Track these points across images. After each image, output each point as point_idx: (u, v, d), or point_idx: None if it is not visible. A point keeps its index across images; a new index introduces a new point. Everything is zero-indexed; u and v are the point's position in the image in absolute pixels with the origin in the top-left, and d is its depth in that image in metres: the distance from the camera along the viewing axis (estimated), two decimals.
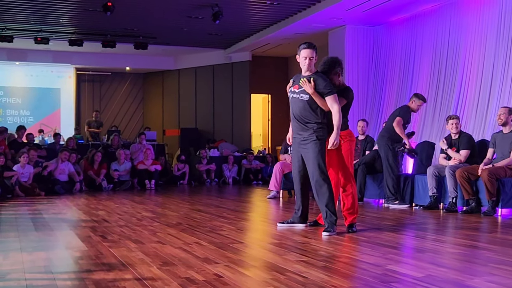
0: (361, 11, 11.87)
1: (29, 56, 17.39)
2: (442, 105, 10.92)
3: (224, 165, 14.65)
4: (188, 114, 18.84)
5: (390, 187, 8.46)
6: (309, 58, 5.76)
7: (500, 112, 7.77)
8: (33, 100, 18.40)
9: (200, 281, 3.60)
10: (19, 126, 13.23)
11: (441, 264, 4.12)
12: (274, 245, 5.03)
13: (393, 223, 6.57)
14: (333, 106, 5.64)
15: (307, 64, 5.77)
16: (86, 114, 18.97)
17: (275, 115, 18.10)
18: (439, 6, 11.31)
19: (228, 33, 15.19)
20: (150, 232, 5.80)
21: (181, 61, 18.89)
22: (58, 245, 5.21)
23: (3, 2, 12.08)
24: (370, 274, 3.81)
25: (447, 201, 7.93)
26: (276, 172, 10.22)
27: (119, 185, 12.56)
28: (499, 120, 7.71)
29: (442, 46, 11.17)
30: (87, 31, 14.91)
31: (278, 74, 17.73)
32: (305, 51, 5.78)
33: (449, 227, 6.63)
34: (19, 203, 9.47)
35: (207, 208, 8.35)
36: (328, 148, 5.70)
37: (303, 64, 5.81)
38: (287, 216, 6.91)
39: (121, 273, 3.87)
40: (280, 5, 12.27)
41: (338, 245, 5.04)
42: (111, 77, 19.88)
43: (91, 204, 9.04)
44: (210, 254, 4.52)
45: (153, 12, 12.98)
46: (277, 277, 3.71)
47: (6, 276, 3.85)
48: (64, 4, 12.29)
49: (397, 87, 12.41)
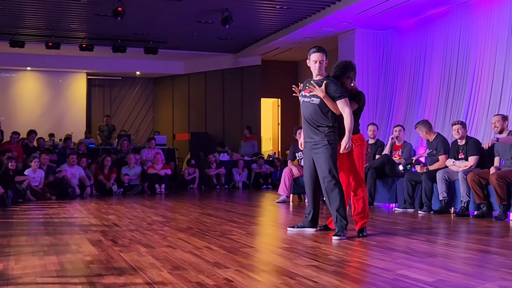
0: (370, 15, 11.86)
1: (40, 61, 17.48)
2: (453, 110, 10.87)
3: (234, 169, 14.65)
4: (198, 119, 18.87)
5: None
6: (319, 62, 5.76)
7: (494, 120, 7.78)
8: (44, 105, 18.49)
9: (211, 286, 3.61)
10: (29, 130, 13.30)
11: (452, 269, 4.10)
12: (284, 249, 5.02)
13: (403, 228, 6.55)
14: (344, 110, 5.63)
15: (318, 68, 5.77)
16: (97, 119, 19.06)
17: (285, 120, 18.09)
18: (449, 10, 11.28)
19: (238, 37, 15.21)
20: (160, 237, 5.81)
21: (191, 65, 18.93)
22: (69, 249, 5.22)
23: (15, 8, 12.17)
24: (381, 279, 3.79)
25: (458, 206, 7.89)
26: (285, 176, 10.21)
27: (129, 189, 12.60)
28: (495, 129, 7.73)
29: (453, 50, 11.12)
30: (98, 36, 14.98)
31: (288, 79, 17.67)
32: (315, 55, 5.79)
33: (460, 231, 6.59)
34: (31, 207, 9.52)
35: (217, 212, 8.36)
36: (340, 152, 5.69)
37: (313, 68, 5.81)
38: (297, 220, 6.90)
39: (132, 277, 3.88)
40: (290, 10, 12.29)
41: (348, 249, 5.03)
42: (121, 82, 19.96)
43: (102, 209, 9.07)
44: (220, 259, 4.52)
45: (163, 17, 13.03)
46: (287, 282, 3.70)
47: (18, 280, 3.87)
48: (75, 9, 12.36)
49: (407, 91, 12.38)
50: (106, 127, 16.63)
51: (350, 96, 5.78)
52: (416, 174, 8.69)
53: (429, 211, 8.16)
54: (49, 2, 11.74)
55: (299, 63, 17.85)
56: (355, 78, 6.05)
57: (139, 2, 11.75)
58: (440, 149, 8.42)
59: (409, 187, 8.63)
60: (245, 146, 16.11)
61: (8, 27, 13.84)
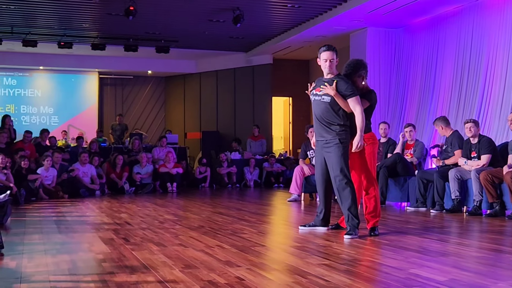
0: (382, 13, 11.81)
1: (52, 61, 17.58)
2: (465, 108, 10.80)
3: (246, 168, 14.66)
4: (209, 117, 18.89)
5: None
6: (329, 60, 5.75)
7: (510, 117, 7.72)
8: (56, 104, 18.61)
9: (222, 284, 3.61)
10: (42, 129, 13.38)
11: (465, 268, 4.08)
12: (295, 248, 5.02)
13: (415, 227, 6.52)
14: (356, 108, 5.62)
15: (328, 66, 5.77)
16: (109, 118, 19.14)
17: (296, 118, 18.08)
18: (461, 8, 11.21)
19: (249, 36, 15.21)
20: (172, 235, 5.82)
21: (203, 64, 18.95)
22: (82, 247, 5.25)
23: (27, 8, 12.24)
24: (393, 278, 3.78)
25: (470, 204, 7.85)
26: (296, 175, 10.20)
27: (141, 188, 12.64)
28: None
29: (465, 48, 11.05)
30: (110, 35, 15.02)
31: (299, 77, 17.68)
32: (325, 53, 5.79)
33: (472, 230, 6.56)
34: (43, 205, 9.58)
35: (228, 211, 8.37)
36: (352, 151, 5.68)
37: (323, 67, 5.81)
38: (308, 219, 6.90)
39: (144, 275, 3.90)
40: (301, 8, 12.26)
41: (360, 248, 5.02)
42: (133, 81, 20.02)
43: (114, 207, 9.11)
44: (232, 257, 4.53)
45: (174, 16, 13.06)
46: (299, 281, 3.70)
47: (31, 278, 3.90)
48: (87, 8, 12.41)
49: (419, 89, 12.32)
50: (119, 126, 16.71)
51: (361, 95, 5.77)
52: (428, 172, 8.65)
53: (441, 210, 8.12)
54: (61, 2, 11.79)
55: (310, 61, 17.82)
56: (367, 76, 6.03)
57: (151, 1, 11.78)
58: (455, 144, 8.38)
59: (421, 186, 8.60)
60: (254, 145, 16.09)
61: (20, 26, 13.92)
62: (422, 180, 8.61)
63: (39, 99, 18.51)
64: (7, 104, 18.11)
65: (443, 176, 8.20)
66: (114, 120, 17.52)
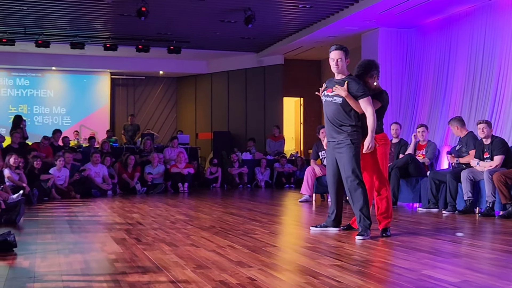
0: (394, 13, 11.77)
1: (65, 61, 17.67)
2: (478, 109, 10.74)
3: (257, 168, 14.66)
4: (220, 118, 18.91)
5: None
6: (337, 60, 5.73)
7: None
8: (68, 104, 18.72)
9: (234, 284, 3.62)
10: (55, 129, 13.45)
11: (478, 270, 4.06)
12: (307, 248, 5.02)
13: (427, 228, 6.50)
14: (367, 109, 5.61)
15: (335, 66, 5.75)
16: (121, 118, 19.22)
17: (308, 119, 18.05)
18: (474, 8, 11.14)
19: (260, 36, 15.21)
20: (183, 235, 5.84)
21: (214, 65, 18.98)
22: (94, 247, 5.28)
23: (40, 9, 12.32)
24: (405, 279, 3.77)
25: (483, 206, 7.81)
26: (307, 175, 10.18)
27: (152, 188, 12.67)
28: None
29: (478, 48, 10.98)
30: (122, 36, 15.09)
31: (310, 77, 17.68)
32: (333, 53, 5.78)
33: (485, 231, 6.53)
34: (56, 205, 9.63)
35: (239, 211, 8.37)
36: (364, 152, 5.67)
37: (332, 66, 5.80)
38: (320, 219, 6.89)
39: (156, 275, 3.91)
40: (313, 8, 12.25)
41: (372, 249, 5.01)
42: (145, 81, 20.09)
43: (126, 207, 9.14)
44: (243, 258, 4.53)
45: (186, 17, 13.09)
46: (311, 281, 3.70)
47: (44, 277, 3.92)
48: (99, 9, 12.47)
49: (431, 90, 12.27)
50: (131, 127, 16.76)
51: (373, 95, 5.75)
52: (441, 173, 8.61)
53: (453, 211, 8.08)
54: (74, 3, 11.85)
55: (322, 61, 17.80)
56: (378, 77, 6.01)
57: (163, 2, 11.81)
58: (471, 144, 8.34)
59: (433, 187, 8.56)
60: (274, 145, 16.09)
61: (33, 27, 14.02)
62: (434, 181, 8.57)
63: (51, 99, 18.63)
64: (20, 104, 18.24)
65: (455, 177, 8.16)
66: (126, 120, 17.58)
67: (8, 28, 14.00)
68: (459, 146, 8.65)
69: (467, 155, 8.36)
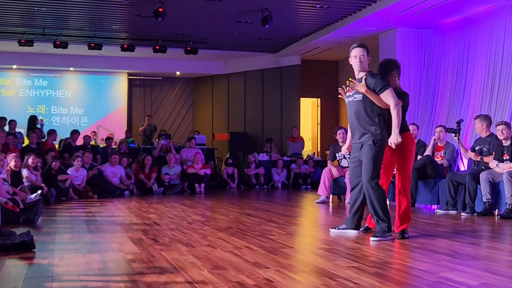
0: (412, 13, 11.70)
1: (82, 62, 17.80)
2: (497, 110, 10.64)
3: (273, 169, 14.64)
4: (237, 118, 18.93)
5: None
6: (359, 57, 5.64)
7: None
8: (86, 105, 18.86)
9: (251, 285, 3.61)
10: (73, 130, 13.54)
11: (497, 272, 4.01)
12: (324, 250, 4.99)
13: (446, 230, 6.44)
14: (390, 101, 5.48)
15: (358, 63, 5.65)
16: (138, 119, 19.31)
17: (325, 119, 17.99)
18: (494, 8, 11.04)
19: (277, 37, 15.20)
20: (200, 236, 5.84)
21: (231, 65, 19.01)
22: (111, 247, 5.29)
23: (58, 10, 12.41)
24: (424, 281, 3.74)
25: (502, 208, 7.72)
26: (324, 177, 10.14)
27: (169, 188, 12.71)
28: None
29: (497, 49, 10.88)
30: (139, 37, 15.16)
31: (327, 78, 17.63)
32: (355, 50, 5.69)
33: (505, 234, 6.45)
34: (73, 205, 9.69)
35: (256, 212, 8.36)
36: (390, 147, 5.57)
37: (354, 64, 5.70)
38: (337, 221, 6.86)
39: (173, 276, 3.91)
40: (330, 9, 12.21)
41: (389, 251, 4.97)
42: (162, 82, 20.18)
43: (142, 207, 9.17)
44: (260, 259, 4.52)
45: (203, 18, 13.11)
46: (328, 283, 3.68)
47: (61, 277, 3.94)
48: (117, 10, 12.54)
49: (449, 91, 12.17)
50: (148, 127, 16.84)
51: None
52: (459, 175, 8.53)
53: (472, 213, 8.00)
54: (92, 4, 11.93)
55: (339, 62, 17.73)
56: (399, 76, 5.90)
57: (180, 3, 11.85)
58: (495, 144, 8.24)
59: (451, 188, 8.48)
60: (294, 146, 16.08)
61: (52, 28, 14.13)
62: (452, 183, 8.49)
63: (69, 100, 18.78)
64: (38, 105, 18.42)
65: (475, 179, 8.08)
66: (143, 121, 17.65)
67: (26, 29, 14.13)
68: (479, 146, 8.54)
69: (490, 154, 8.26)
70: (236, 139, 17.57)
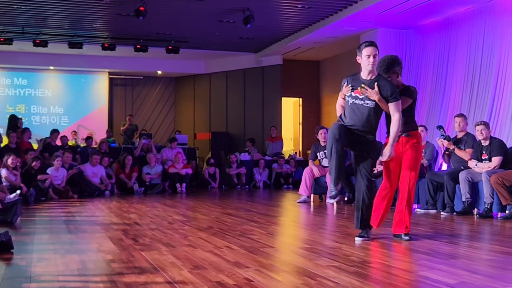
0: (393, 14, 11.76)
1: (62, 61, 17.65)
2: (476, 110, 10.73)
3: (255, 169, 14.65)
4: (219, 118, 18.90)
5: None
6: (373, 56, 5.36)
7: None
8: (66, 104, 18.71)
9: (231, 285, 3.60)
10: (52, 129, 13.42)
11: (475, 271, 4.05)
12: (305, 250, 5.00)
13: (425, 229, 6.48)
14: (395, 115, 5.31)
15: (372, 62, 5.36)
16: (119, 118, 19.20)
17: (306, 119, 18.03)
18: (473, 9, 11.14)
19: (259, 37, 15.20)
20: (181, 236, 5.82)
21: (212, 65, 18.98)
22: (91, 247, 5.26)
23: (38, 8, 12.30)
24: (402, 280, 3.76)
25: (481, 207, 7.80)
26: (305, 176, 10.17)
27: (150, 188, 12.66)
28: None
29: (476, 50, 10.97)
30: (120, 36, 15.08)
31: (309, 78, 17.66)
32: (367, 49, 5.38)
33: (483, 233, 6.51)
34: (53, 205, 9.61)
35: (237, 212, 8.36)
36: (383, 160, 5.48)
37: (367, 64, 5.38)
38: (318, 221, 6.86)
39: (153, 276, 3.90)
40: (311, 9, 12.24)
41: (369, 250, 4.99)
42: (143, 81, 20.08)
43: (123, 207, 9.13)
44: (240, 258, 4.52)
45: (185, 17, 13.07)
46: (308, 282, 3.69)
47: (40, 277, 3.91)
48: (98, 9, 12.46)
49: (430, 91, 12.25)
50: (129, 127, 16.75)
51: (400, 92, 5.49)
52: (438, 174, 8.59)
53: (451, 213, 8.07)
54: (72, 2, 11.84)
55: (320, 62, 17.77)
56: (401, 73, 5.80)
57: (161, 2, 11.80)
58: (470, 143, 8.30)
59: (430, 188, 8.54)
60: (273, 146, 16.09)
61: (31, 26, 14.00)
62: (432, 182, 8.56)
63: (49, 99, 18.62)
64: (18, 104, 18.24)
65: (452, 178, 8.15)
66: (124, 120, 17.55)
67: (6, 27, 13.99)
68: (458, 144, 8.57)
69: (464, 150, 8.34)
70: (218, 138, 17.55)
